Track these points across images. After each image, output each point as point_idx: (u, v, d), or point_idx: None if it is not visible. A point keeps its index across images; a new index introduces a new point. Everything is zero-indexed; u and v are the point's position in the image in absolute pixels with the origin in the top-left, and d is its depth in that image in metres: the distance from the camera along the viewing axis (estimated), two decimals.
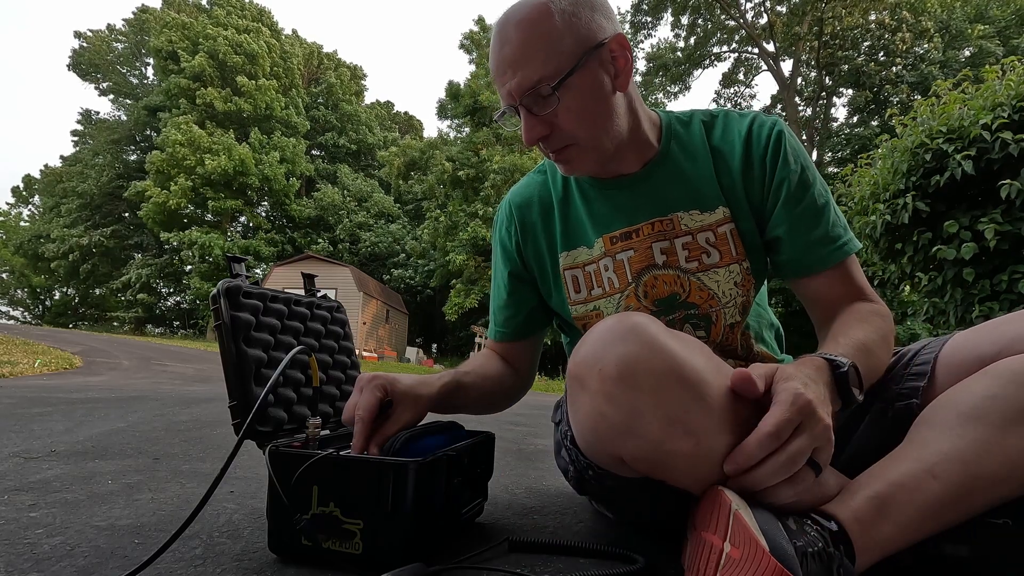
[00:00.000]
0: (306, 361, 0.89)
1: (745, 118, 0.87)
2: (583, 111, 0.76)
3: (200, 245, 24.43)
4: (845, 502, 0.58)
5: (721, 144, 0.86)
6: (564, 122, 0.77)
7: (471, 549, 0.79)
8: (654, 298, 0.86)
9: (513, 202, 0.99)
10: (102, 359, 7.21)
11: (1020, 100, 2.61)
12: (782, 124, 0.85)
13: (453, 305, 18.65)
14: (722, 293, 0.85)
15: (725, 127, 0.88)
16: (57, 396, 2.75)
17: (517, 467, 1.59)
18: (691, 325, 0.86)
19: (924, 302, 3.28)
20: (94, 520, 0.88)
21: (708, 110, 0.93)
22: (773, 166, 0.82)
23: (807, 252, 0.82)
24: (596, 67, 0.76)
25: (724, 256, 0.84)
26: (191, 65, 25.80)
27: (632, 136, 0.84)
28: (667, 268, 0.86)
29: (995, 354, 0.62)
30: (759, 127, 0.85)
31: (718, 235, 0.84)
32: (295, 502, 0.69)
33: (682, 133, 0.89)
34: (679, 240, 0.85)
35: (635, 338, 0.55)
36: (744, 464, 0.53)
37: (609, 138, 0.80)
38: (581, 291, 0.91)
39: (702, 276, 0.85)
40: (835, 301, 0.82)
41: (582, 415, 0.59)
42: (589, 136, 0.78)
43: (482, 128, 19.78)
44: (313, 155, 33.06)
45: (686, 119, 0.91)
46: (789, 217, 0.82)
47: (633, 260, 0.87)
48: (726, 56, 23.11)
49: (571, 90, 0.75)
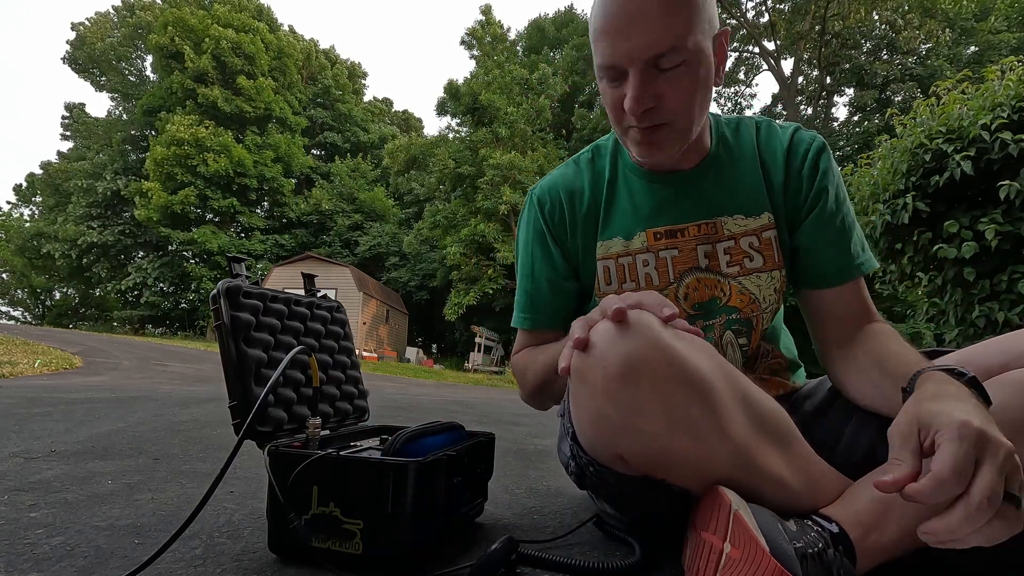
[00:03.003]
0: (306, 361, 0.89)
1: (787, 130, 0.88)
2: (694, 91, 0.73)
3: (202, 244, 24.48)
4: (847, 504, 0.58)
5: (766, 153, 0.87)
6: (673, 98, 0.72)
7: (471, 549, 0.79)
8: (694, 301, 0.86)
9: (563, 188, 0.94)
10: (102, 359, 7.21)
11: (1020, 100, 2.61)
12: (822, 139, 0.86)
13: (453, 305, 18.66)
14: (763, 298, 0.85)
15: (769, 136, 0.88)
16: (57, 396, 2.74)
17: (517, 467, 1.59)
18: (732, 332, 0.86)
19: (924, 302, 3.28)
20: (94, 520, 0.88)
21: (753, 118, 0.92)
22: (812, 179, 0.83)
23: (829, 263, 0.82)
24: (712, 53, 0.74)
25: (767, 261, 0.84)
26: (195, 66, 25.83)
27: (700, 134, 0.84)
28: (709, 272, 0.85)
29: (1002, 366, 0.62)
30: (799, 141, 0.86)
31: (762, 240, 0.84)
32: (295, 502, 0.69)
33: (730, 137, 0.89)
34: (721, 245, 0.85)
35: (638, 336, 0.54)
36: (942, 531, 0.46)
37: (697, 127, 0.78)
38: (612, 283, 0.89)
39: (743, 280, 0.84)
40: (848, 318, 0.82)
41: (584, 412, 0.59)
42: (687, 119, 0.75)
43: (481, 127, 19.79)
44: (313, 155, 33.08)
45: (734, 124, 0.91)
46: (820, 229, 0.82)
47: (677, 260, 0.86)
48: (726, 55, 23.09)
49: (693, 67, 0.71)
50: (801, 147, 0.85)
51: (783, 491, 0.58)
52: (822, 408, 0.84)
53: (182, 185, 24.69)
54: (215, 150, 24.93)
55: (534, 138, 20.02)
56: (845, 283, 0.82)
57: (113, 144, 30.07)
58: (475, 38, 21.91)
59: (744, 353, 0.87)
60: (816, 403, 0.85)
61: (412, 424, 0.86)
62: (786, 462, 0.59)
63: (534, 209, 0.96)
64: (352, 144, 33.57)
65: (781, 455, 0.59)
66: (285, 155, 28.56)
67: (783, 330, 0.98)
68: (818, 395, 0.86)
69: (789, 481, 0.58)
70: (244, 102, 27.05)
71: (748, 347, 0.87)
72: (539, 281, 0.96)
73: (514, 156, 17.96)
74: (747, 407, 0.58)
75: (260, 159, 26.99)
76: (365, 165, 31.81)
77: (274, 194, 28.51)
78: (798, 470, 0.59)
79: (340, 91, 33.75)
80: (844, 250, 0.82)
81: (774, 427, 0.60)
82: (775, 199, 0.84)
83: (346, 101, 34.06)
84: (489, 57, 21.25)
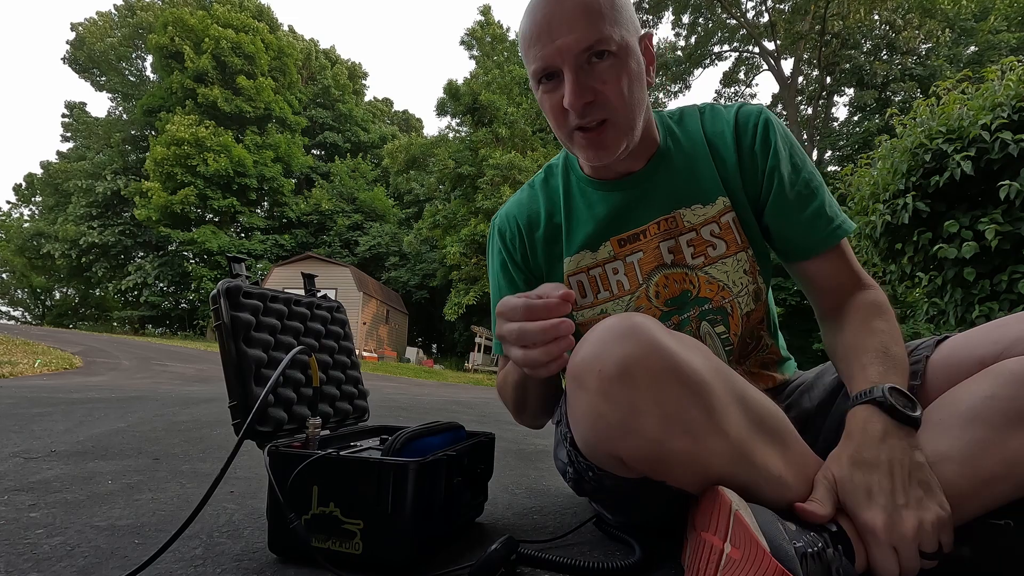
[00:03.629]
0: (306, 361, 0.89)
1: (731, 110, 0.88)
2: (629, 83, 0.75)
3: (202, 244, 24.48)
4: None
5: (713, 136, 0.87)
6: (611, 91, 0.74)
7: (471, 549, 0.79)
8: (665, 298, 0.86)
9: (520, 215, 0.96)
10: (102, 359, 7.21)
11: (1020, 100, 2.61)
12: (767, 112, 0.85)
13: (453, 305, 18.66)
14: (732, 283, 0.85)
15: (713, 119, 0.88)
16: (57, 396, 2.74)
17: (517, 467, 1.59)
18: (708, 322, 0.86)
19: (924, 302, 3.28)
20: (94, 520, 0.88)
21: (694, 105, 0.92)
22: (764, 154, 0.83)
23: (805, 234, 0.82)
24: (639, 51, 0.77)
25: (730, 246, 0.84)
26: (195, 66, 25.83)
27: (644, 132, 0.84)
28: (675, 267, 0.86)
29: (996, 355, 0.62)
30: (745, 117, 0.85)
31: (722, 225, 0.84)
32: (295, 502, 0.69)
33: (676, 129, 0.89)
34: (683, 237, 0.85)
35: (634, 338, 0.55)
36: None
37: (639, 124, 0.79)
38: (587, 295, 0.90)
39: (709, 269, 0.85)
40: (837, 289, 0.82)
41: (581, 415, 0.59)
42: (627, 113, 0.77)
43: (481, 127, 19.80)
44: (313, 155, 33.09)
45: (676, 116, 0.91)
46: (784, 202, 0.82)
47: (643, 261, 0.87)
48: (727, 55, 23.13)
49: (623, 59, 0.74)
50: (749, 124, 0.84)
51: (781, 489, 0.58)
52: (824, 405, 0.84)
53: (182, 185, 24.69)
54: (215, 150, 24.94)
55: (534, 138, 20.04)
56: (826, 251, 0.82)
57: (113, 144, 30.08)
58: (475, 38, 21.92)
59: (726, 341, 0.87)
60: (817, 399, 0.85)
61: (412, 424, 0.86)
62: (784, 460, 0.59)
63: (495, 239, 1.00)
64: (352, 144, 33.60)
65: (778, 453, 0.59)
66: (285, 155, 28.60)
67: (774, 316, 0.98)
68: (817, 389, 0.86)
69: (787, 479, 0.58)
70: (244, 102, 27.07)
71: (727, 334, 0.86)
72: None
73: (514, 156, 17.98)
74: (744, 406, 0.58)
75: (260, 159, 27.02)
76: (365, 165, 31.86)
77: (274, 194, 28.53)
78: (795, 468, 0.60)
79: (340, 91, 33.78)
80: (817, 216, 0.81)
81: (771, 425, 0.60)
82: (730, 182, 0.84)
83: (346, 101, 34.09)
84: (489, 57, 21.27)
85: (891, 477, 0.56)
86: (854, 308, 0.79)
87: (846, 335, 0.76)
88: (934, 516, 0.53)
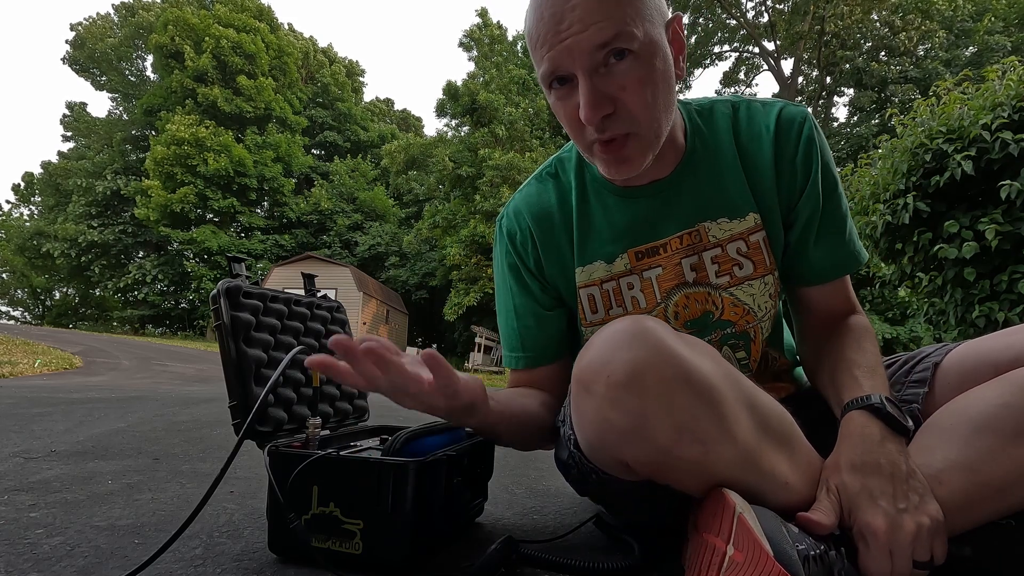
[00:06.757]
0: None
1: (771, 109, 0.77)
2: (653, 87, 0.64)
3: (202, 244, 24.49)
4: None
5: (748, 141, 0.77)
6: (632, 99, 0.64)
7: (471, 549, 0.79)
8: (685, 319, 0.80)
9: (529, 213, 0.86)
10: (102, 359, 7.21)
11: (1020, 100, 2.61)
12: (812, 118, 0.76)
13: (453, 305, 18.66)
14: (758, 307, 0.79)
15: (750, 121, 0.77)
16: (57, 396, 2.74)
17: (517, 467, 1.59)
18: (729, 347, 0.81)
19: (924, 302, 3.28)
20: (94, 520, 0.88)
21: (727, 99, 0.81)
22: (806, 170, 0.75)
23: (823, 261, 0.78)
24: (667, 42, 0.66)
25: (758, 267, 0.77)
26: (195, 65, 25.82)
27: (671, 134, 0.74)
28: (697, 286, 0.79)
29: (1010, 361, 0.60)
30: (788, 123, 0.75)
31: (750, 244, 0.77)
32: (295, 502, 0.69)
33: (704, 129, 0.79)
34: (708, 253, 0.78)
35: (643, 342, 0.52)
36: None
37: (666, 130, 0.70)
38: (598, 311, 0.83)
39: (735, 291, 0.78)
40: (832, 312, 0.80)
41: (587, 420, 0.57)
42: (652, 123, 0.66)
43: (480, 128, 19.80)
44: (313, 154, 33.10)
45: (706, 110, 0.80)
46: (813, 226, 0.76)
47: (662, 278, 0.80)
48: (727, 55, 23.15)
49: (645, 58, 0.63)
50: (792, 132, 0.74)
51: (786, 492, 0.57)
52: (828, 413, 0.83)
53: (182, 184, 24.69)
54: (215, 150, 24.93)
55: (533, 138, 20.04)
56: (836, 280, 0.79)
57: (113, 143, 30.08)
58: (473, 40, 21.92)
59: (745, 368, 0.82)
60: (823, 407, 0.84)
61: (412, 424, 0.85)
62: (790, 464, 0.58)
63: (504, 241, 0.90)
64: (352, 143, 33.59)
65: (785, 457, 0.58)
66: (285, 155, 28.58)
67: (783, 328, 0.94)
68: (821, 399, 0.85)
69: (792, 483, 0.58)
70: (244, 102, 27.07)
71: (748, 360, 0.81)
72: (524, 317, 0.89)
73: (513, 156, 17.96)
74: (752, 411, 0.57)
75: (260, 159, 27.00)
76: (365, 165, 31.84)
77: (274, 194, 28.51)
78: (801, 471, 0.59)
79: (339, 89, 33.76)
80: (839, 244, 0.77)
81: (778, 429, 0.59)
82: (764, 198, 0.76)
83: (345, 99, 34.06)
84: (487, 58, 21.26)
85: (892, 481, 0.55)
86: (848, 328, 0.77)
87: (838, 349, 0.74)
88: (930, 523, 0.53)
